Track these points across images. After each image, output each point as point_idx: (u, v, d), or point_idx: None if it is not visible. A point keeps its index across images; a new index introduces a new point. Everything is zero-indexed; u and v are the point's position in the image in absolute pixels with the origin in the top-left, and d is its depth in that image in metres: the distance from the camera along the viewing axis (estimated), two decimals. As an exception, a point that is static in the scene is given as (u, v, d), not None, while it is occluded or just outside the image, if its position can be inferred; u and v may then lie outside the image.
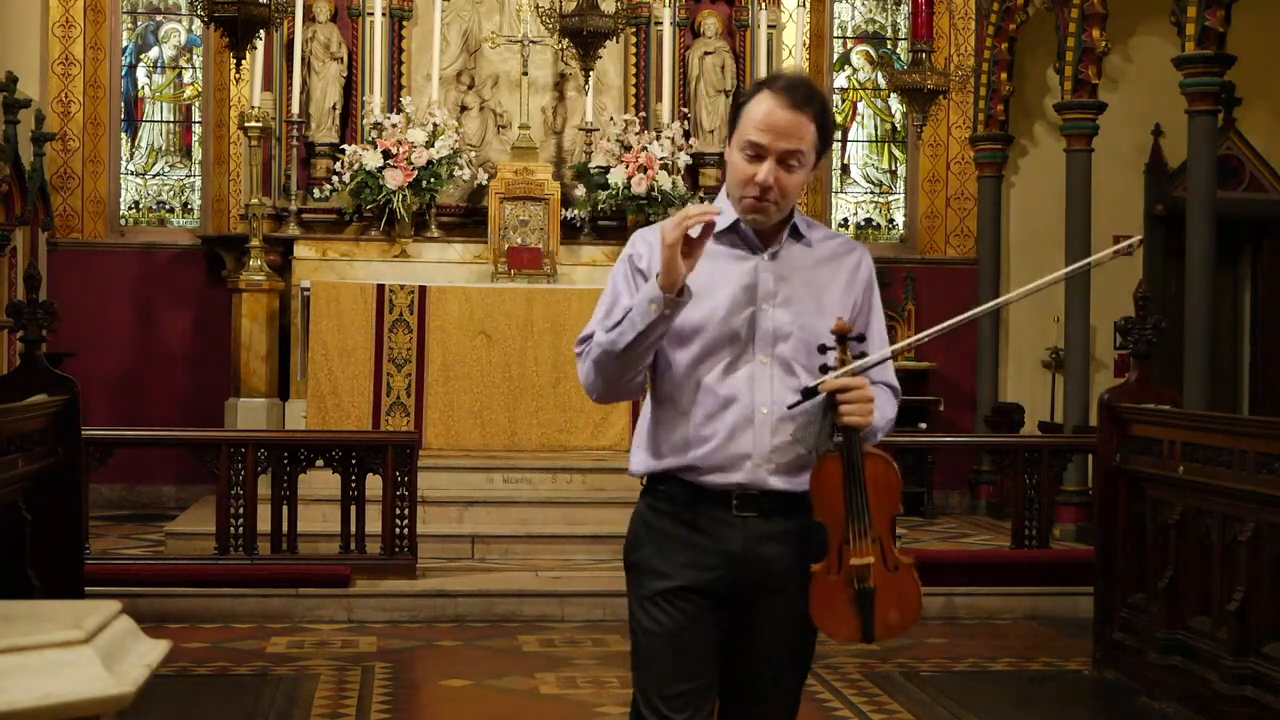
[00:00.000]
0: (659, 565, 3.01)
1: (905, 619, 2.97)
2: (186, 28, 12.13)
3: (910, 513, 10.74)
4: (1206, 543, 5.96)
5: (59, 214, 11.36)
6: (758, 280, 2.99)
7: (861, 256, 3.15)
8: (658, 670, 3.00)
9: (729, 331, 2.97)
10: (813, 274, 3.05)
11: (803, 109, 2.93)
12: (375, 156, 10.07)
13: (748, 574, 3.00)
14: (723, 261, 2.99)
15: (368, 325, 9.49)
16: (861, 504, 2.91)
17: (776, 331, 2.98)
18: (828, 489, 2.92)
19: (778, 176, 2.93)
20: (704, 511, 2.99)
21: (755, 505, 2.98)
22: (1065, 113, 10.53)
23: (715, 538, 2.99)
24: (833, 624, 2.97)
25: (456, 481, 9.05)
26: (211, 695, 6.16)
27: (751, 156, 2.94)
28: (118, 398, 11.24)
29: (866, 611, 2.93)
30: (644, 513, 3.08)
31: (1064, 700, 6.33)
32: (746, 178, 2.95)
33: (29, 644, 2.02)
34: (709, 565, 2.99)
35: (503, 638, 7.23)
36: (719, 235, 2.98)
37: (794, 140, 2.92)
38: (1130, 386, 6.83)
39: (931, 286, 12.12)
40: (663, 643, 2.99)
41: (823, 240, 3.10)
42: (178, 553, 8.50)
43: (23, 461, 5.58)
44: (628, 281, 3.01)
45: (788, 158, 2.93)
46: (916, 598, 2.96)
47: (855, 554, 2.91)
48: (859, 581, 2.92)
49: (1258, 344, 12.36)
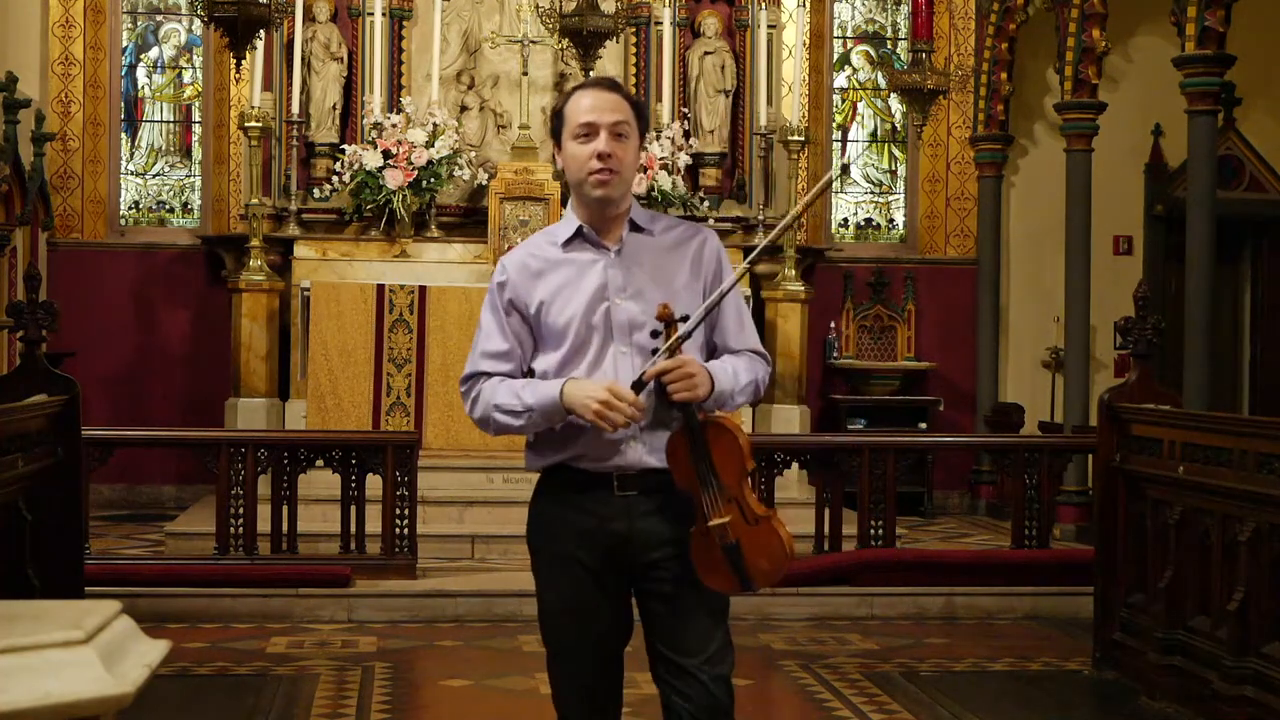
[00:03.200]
0: (556, 546, 3.34)
1: (776, 564, 3.24)
2: (186, 28, 12.13)
3: (910, 513, 10.74)
4: (1206, 543, 5.97)
5: (59, 214, 11.36)
6: (606, 278, 3.30)
7: (705, 239, 3.42)
8: (562, 638, 3.37)
9: (589, 328, 3.28)
10: (659, 262, 3.34)
11: (616, 91, 3.35)
12: (375, 156, 10.07)
13: (637, 546, 3.29)
14: (574, 267, 3.32)
15: (368, 325, 9.49)
16: (707, 469, 3.20)
17: (631, 322, 3.28)
18: (679, 461, 3.22)
19: (613, 147, 3.27)
20: (591, 494, 3.30)
21: (635, 484, 3.28)
22: (1065, 113, 10.52)
23: (603, 518, 3.29)
24: (714, 579, 3.24)
25: (456, 481, 9.05)
26: (211, 695, 6.16)
27: (584, 137, 3.28)
28: (118, 398, 11.23)
29: (738, 564, 3.21)
30: (538, 501, 3.41)
31: (1064, 700, 6.33)
32: (587, 154, 3.27)
33: (29, 644, 2.02)
34: (600, 543, 3.29)
35: (503, 638, 7.24)
36: (566, 243, 3.34)
37: (618, 113, 3.29)
38: (1130, 386, 6.83)
39: (931, 286, 12.12)
40: (566, 614, 3.34)
41: (665, 230, 3.41)
42: (178, 553, 8.51)
43: (23, 461, 5.58)
44: (496, 314, 3.35)
45: (617, 129, 3.28)
46: (780, 544, 3.23)
47: (714, 515, 3.20)
48: (722, 539, 3.20)
49: (1258, 344, 12.36)
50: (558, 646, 3.39)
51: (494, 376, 3.34)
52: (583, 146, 3.28)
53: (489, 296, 3.38)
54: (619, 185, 3.29)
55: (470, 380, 3.38)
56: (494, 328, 3.35)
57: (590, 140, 3.27)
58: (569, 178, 3.36)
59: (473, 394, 3.37)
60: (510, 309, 3.34)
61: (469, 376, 3.38)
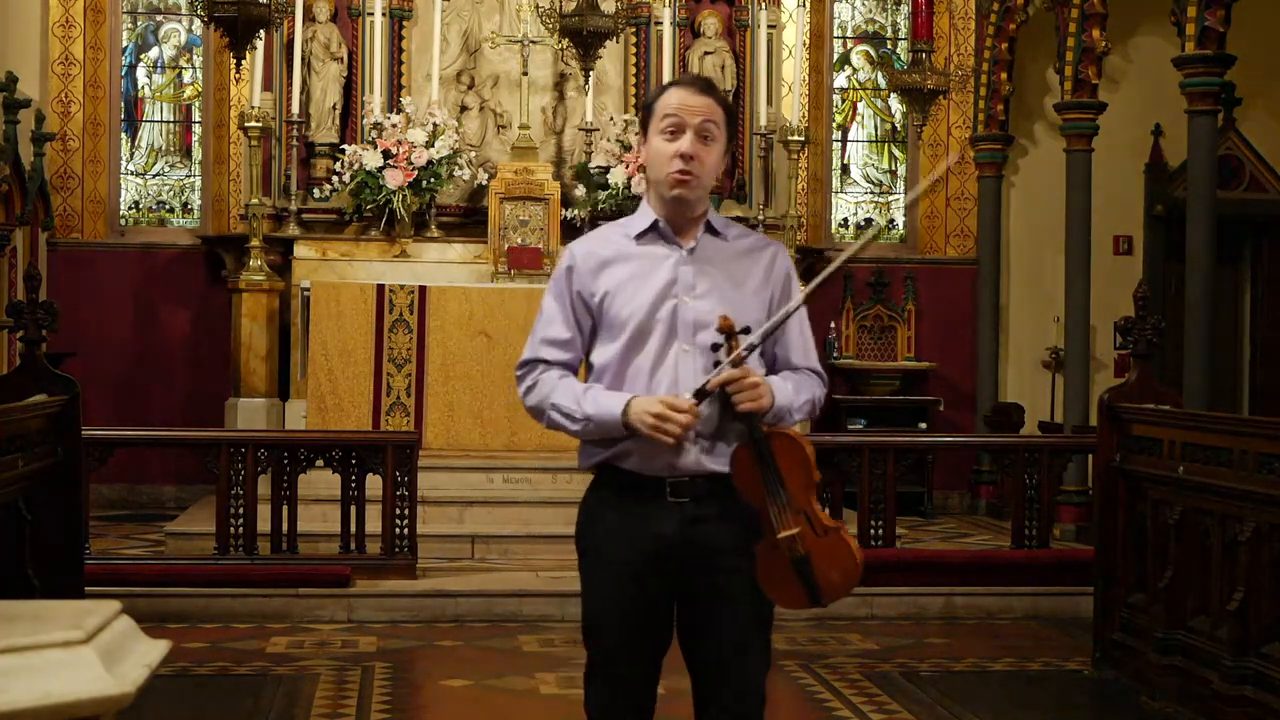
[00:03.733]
0: (604, 549, 3.29)
1: (848, 577, 3.19)
2: (186, 28, 12.12)
3: (910, 513, 10.74)
4: (1206, 543, 5.96)
5: (59, 214, 11.36)
6: (677, 274, 3.26)
7: (777, 251, 3.39)
8: (604, 642, 3.30)
9: (653, 323, 3.22)
10: (731, 267, 3.30)
11: (709, 93, 3.27)
12: (375, 156, 10.07)
13: (687, 555, 3.23)
14: (645, 260, 3.28)
15: (368, 325, 9.49)
16: (776, 481, 3.15)
17: (697, 321, 3.22)
18: (744, 474, 3.17)
19: (697, 149, 3.22)
20: (643, 497, 3.23)
21: (688, 490, 3.22)
22: (1065, 113, 10.52)
23: (652, 522, 3.22)
24: (782, 595, 3.20)
25: (456, 481, 9.05)
26: (211, 695, 6.16)
27: (671, 134, 3.23)
28: (118, 398, 11.23)
29: (808, 577, 3.16)
30: (589, 501, 3.36)
31: (1064, 700, 6.33)
32: (670, 153, 3.23)
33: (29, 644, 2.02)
34: (648, 549, 3.22)
35: (503, 638, 7.23)
36: (640, 235, 3.29)
37: (707, 114, 3.23)
38: (1130, 386, 6.83)
39: (931, 286, 12.12)
40: (609, 618, 3.28)
41: (739, 237, 3.37)
42: (178, 553, 8.51)
43: (23, 461, 5.58)
44: (560, 300, 3.30)
45: (703, 130, 3.22)
46: (852, 555, 3.19)
47: (783, 527, 3.15)
48: (792, 552, 3.14)
49: (1258, 344, 12.36)
50: (598, 653, 3.33)
51: (553, 366, 3.29)
52: (666, 144, 3.23)
53: (553, 283, 3.33)
54: (698, 188, 3.25)
55: (527, 366, 3.32)
56: (556, 314, 3.30)
57: (675, 138, 3.22)
58: (649, 174, 3.32)
59: (528, 381, 3.31)
60: (575, 297, 3.29)
61: (527, 362, 3.32)
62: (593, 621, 3.33)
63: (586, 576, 3.35)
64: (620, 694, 3.31)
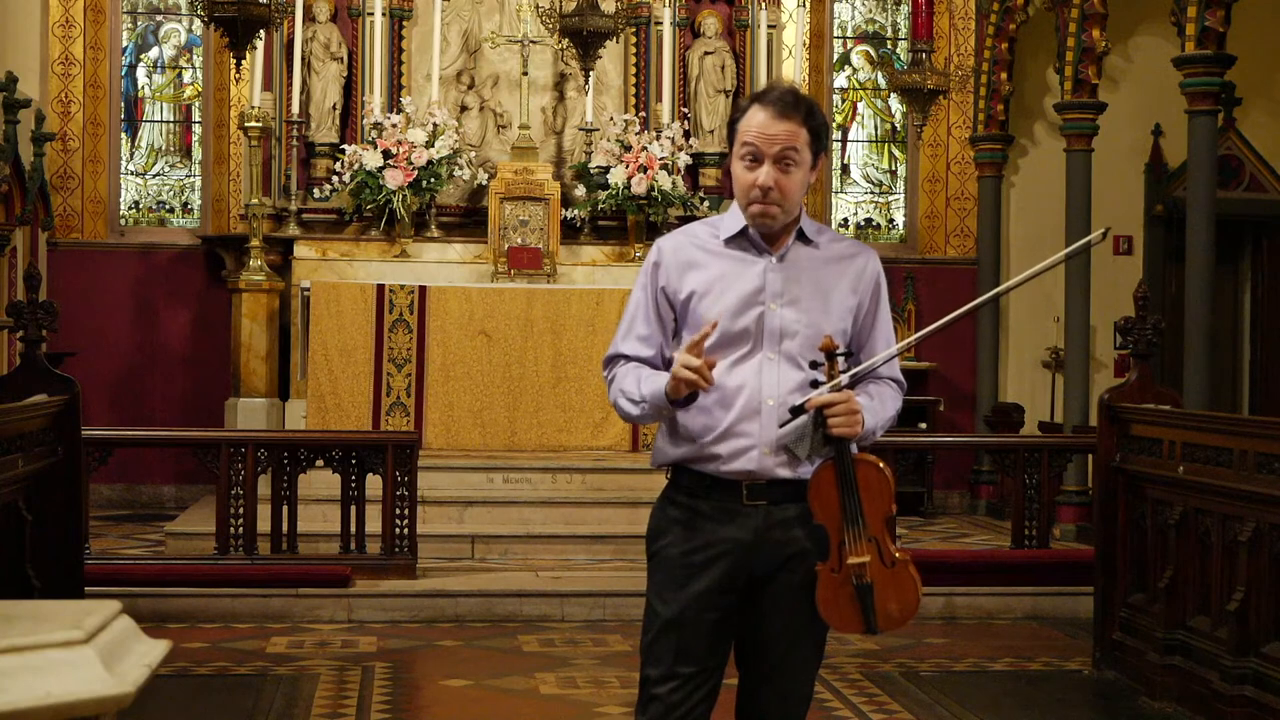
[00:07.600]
0: (675, 554, 3.21)
1: (905, 611, 3.19)
2: (186, 28, 12.13)
3: (910, 513, 10.74)
4: (1206, 543, 5.96)
5: (59, 214, 11.36)
6: (765, 281, 3.20)
7: (869, 259, 3.34)
8: (662, 652, 3.20)
9: (738, 328, 3.17)
10: (820, 274, 3.24)
11: (791, 114, 3.15)
12: (375, 156, 10.07)
13: (760, 560, 3.19)
14: (733, 263, 3.22)
15: (368, 325, 9.49)
16: (855, 508, 3.13)
17: (784, 329, 3.18)
18: (824, 495, 3.14)
19: (776, 178, 3.14)
20: (717, 501, 3.19)
21: (764, 494, 3.17)
22: (1065, 113, 10.52)
23: (728, 526, 3.18)
24: (837, 619, 3.18)
25: (456, 481, 9.05)
26: (211, 695, 6.16)
27: (750, 163, 3.16)
28: (118, 398, 11.24)
29: (867, 605, 3.15)
30: (663, 504, 3.29)
31: (1064, 700, 6.32)
32: (749, 184, 3.16)
33: (29, 644, 2.02)
34: (722, 553, 3.18)
35: (503, 638, 7.23)
36: (730, 240, 3.23)
37: (786, 141, 3.13)
38: (1130, 386, 6.83)
39: (931, 286, 12.12)
40: (671, 627, 3.19)
41: (830, 243, 3.31)
42: (178, 553, 8.50)
43: (23, 461, 5.59)
44: (646, 295, 3.27)
45: (783, 159, 3.14)
46: (914, 590, 3.18)
47: (853, 554, 3.13)
48: (857, 578, 3.13)
49: (1258, 344, 12.36)
50: (658, 667, 3.21)
51: (632, 361, 3.26)
52: (746, 172, 3.16)
53: (641, 277, 3.29)
54: (779, 216, 3.18)
55: (611, 362, 3.30)
56: (641, 310, 3.27)
57: (754, 168, 3.15)
58: (734, 190, 3.25)
59: (609, 376, 3.29)
60: (659, 292, 3.24)
61: (610, 359, 3.30)
62: (654, 626, 3.23)
63: (654, 580, 3.27)
64: (671, 704, 3.19)
